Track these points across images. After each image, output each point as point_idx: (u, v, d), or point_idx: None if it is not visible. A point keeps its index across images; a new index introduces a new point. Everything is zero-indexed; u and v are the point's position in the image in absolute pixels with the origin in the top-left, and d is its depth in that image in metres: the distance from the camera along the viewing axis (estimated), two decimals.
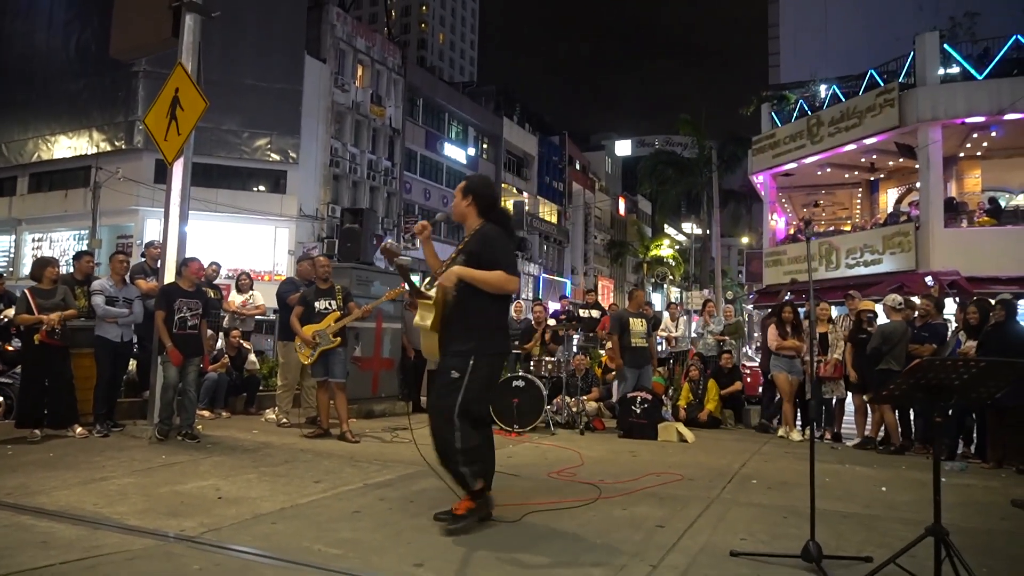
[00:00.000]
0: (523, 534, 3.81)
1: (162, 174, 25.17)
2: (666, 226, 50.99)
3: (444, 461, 3.93)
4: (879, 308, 8.29)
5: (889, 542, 3.78)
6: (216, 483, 4.75)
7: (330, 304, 7.07)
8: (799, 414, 8.73)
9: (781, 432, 8.38)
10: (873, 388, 7.59)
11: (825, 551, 3.32)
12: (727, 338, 10.22)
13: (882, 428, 7.78)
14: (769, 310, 10.98)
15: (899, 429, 7.60)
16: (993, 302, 7.05)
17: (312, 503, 4.32)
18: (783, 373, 8.35)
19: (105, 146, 28.25)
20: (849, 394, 8.33)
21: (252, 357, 8.92)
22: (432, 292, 4.02)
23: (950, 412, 6.81)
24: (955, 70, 16.81)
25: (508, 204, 45.48)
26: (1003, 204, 17.66)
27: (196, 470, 5.18)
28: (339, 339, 6.99)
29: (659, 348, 11.00)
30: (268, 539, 3.57)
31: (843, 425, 8.57)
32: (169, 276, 6.90)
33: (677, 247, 51.56)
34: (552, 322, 9.98)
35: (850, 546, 3.73)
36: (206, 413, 7.92)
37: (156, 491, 4.47)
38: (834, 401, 8.46)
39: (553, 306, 17.59)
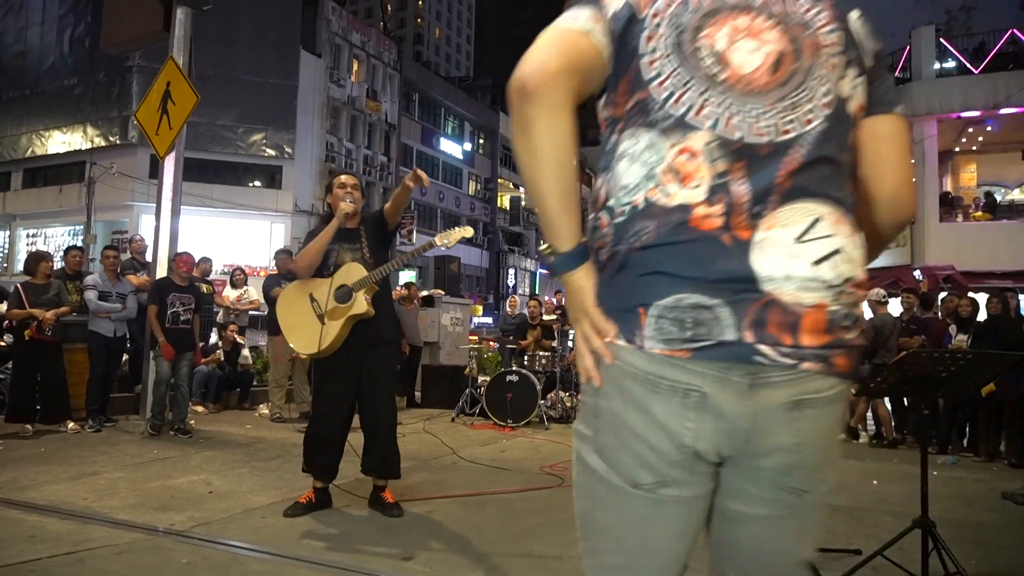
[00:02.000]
0: (514, 527, 3.81)
1: (157, 169, 25.15)
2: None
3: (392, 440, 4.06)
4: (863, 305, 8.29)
5: (878, 534, 3.79)
6: (207, 477, 4.74)
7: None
8: None
9: None
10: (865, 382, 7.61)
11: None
12: None
13: (866, 420, 7.84)
14: None
15: (892, 423, 7.62)
16: (988, 297, 7.07)
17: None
18: None
19: (100, 141, 28.14)
20: None
21: (246, 352, 8.91)
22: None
23: (940, 405, 6.84)
24: (951, 64, 16.85)
25: (505, 200, 45.51)
26: (998, 199, 17.70)
27: (187, 464, 5.17)
28: None
29: None
30: (258, 533, 3.57)
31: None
32: (161, 271, 6.89)
33: None
34: (548, 317, 9.98)
35: (839, 539, 3.73)
36: (199, 408, 7.91)
37: (147, 486, 4.46)
38: None
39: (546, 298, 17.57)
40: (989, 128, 17.07)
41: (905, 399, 7.42)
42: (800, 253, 0.99)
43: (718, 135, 1.02)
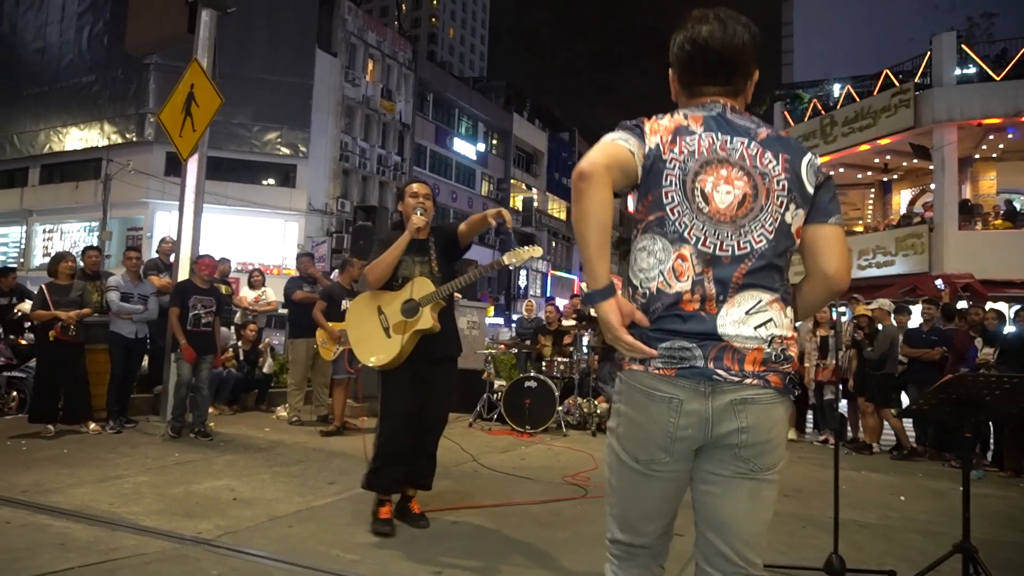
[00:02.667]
0: (543, 541, 3.78)
1: (173, 167, 25.26)
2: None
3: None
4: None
5: (909, 555, 3.75)
6: (230, 483, 4.74)
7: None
8: (815, 418, 8.74)
9: None
10: (877, 393, 7.60)
11: (847, 563, 3.28)
12: None
13: (880, 433, 7.80)
14: None
15: (906, 433, 7.60)
16: (1016, 309, 6.98)
17: (327, 505, 4.31)
18: None
19: (116, 138, 28.32)
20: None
21: (270, 360, 8.86)
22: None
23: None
24: (971, 71, 16.66)
25: (517, 200, 45.47)
26: (1018, 207, 17.51)
27: (209, 469, 5.17)
28: None
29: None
30: (285, 543, 3.56)
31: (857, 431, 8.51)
32: (183, 273, 6.90)
33: None
34: (567, 322, 9.93)
35: (870, 558, 3.69)
36: (213, 409, 7.91)
37: (170, 491, 4.46)
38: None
39: (561, 302, 17.53)
40: (1010, 135, 16.87)
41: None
42: (747, 321, 1.61)
43: (698, 249, 1.64)
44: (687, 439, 1.62)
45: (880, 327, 7.74)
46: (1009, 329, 7.10)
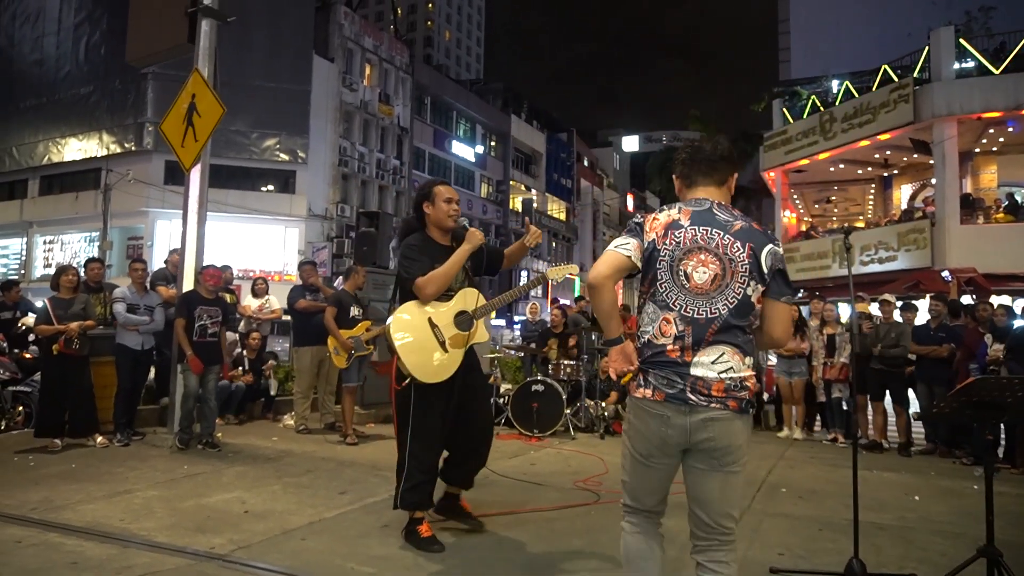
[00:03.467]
0: (558, 549, 3.75)
1: (172, 176, 25.24)
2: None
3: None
4: (874, 308, 8.25)
5: (930, 557, 3.72)
6: (241, 495, 4.71)
7: (360, 312, 7.20)
8: (824, 416, 8.72)
9: (783, 433, 8.50)
10: (872, 389, 7.65)
11: (867, 567, 3.25)
12: None
13: (886, 431, 7.81)
14: None
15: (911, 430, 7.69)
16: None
17: (340, 516, 4.28)
18: (781, 375, 8.49)
19: (115, 148, 28.32)
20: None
21: (273, 381, 8.81)
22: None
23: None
24: (970, 65, 16.63)
25: (517, 202, 45.44)
26: (1020, 200, 17.47)
27: (219, 481, 5.14)
28: (372, 347, 7.15)
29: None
30: (299, 556, 3.53)
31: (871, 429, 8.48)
32: (188, 283, 6.86)
33: None
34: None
35: (890, 561, 3.66)
36: (219, 420, 7.87)
37: (181, 505, 4.43)
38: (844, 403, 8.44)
39: (565, 302, 17.51)
40: (1010, 129, 16.85)
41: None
42: (712, 367, 2.21)
43: (681, 313, 2.25)
44: (673, 443, 2.24)
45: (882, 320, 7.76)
46: (1019, 323, 7.06)
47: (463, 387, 3.82)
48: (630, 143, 67.38)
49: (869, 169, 20.98)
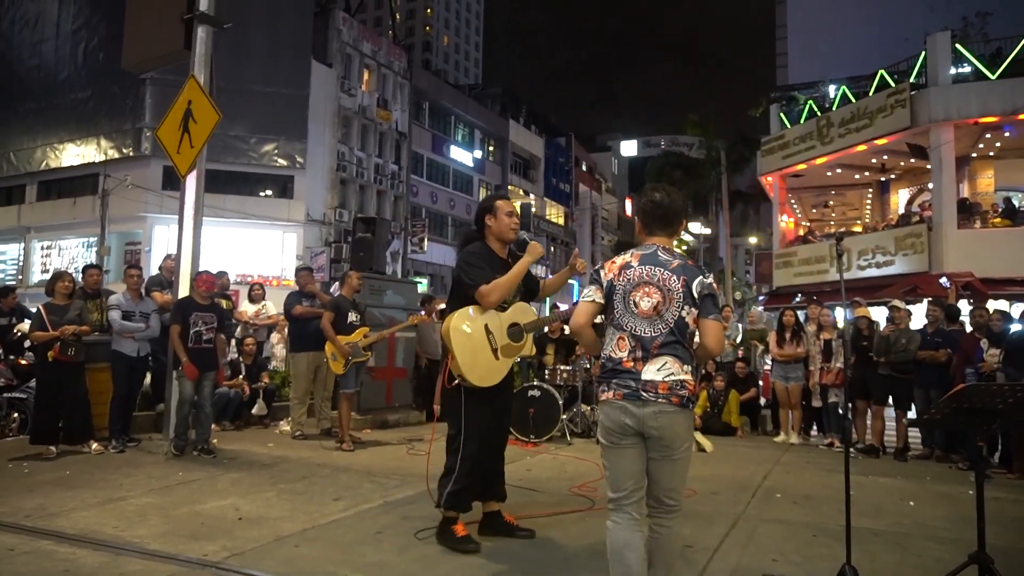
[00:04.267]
0: (553, 557, 3.75)
1: (171, 181, 25.19)
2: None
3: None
4: (881, 313, 8.26)
5: (924, 563, 3.72)
6: (235, 502, 4.70)
7: (358, 318, 7.21)
8: (820, 421, 8.73)
9: (779, 438, 8.50)
10: (877, 394, 7.65)
11: (860, 573, 3.24)
12: (756, 343, 10.12)
13: (883, 435, 7.81)
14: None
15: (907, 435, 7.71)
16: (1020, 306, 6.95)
17: (334, 523, 4.27)
18: (778, 380, 8.51)
19: (113, 153, 28.30)
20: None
21: (261, 403, 8.76)
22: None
23: None
24: (967, 70, 16.65)
25: (516, 205, 45.43)
26: (1017, 204, 17.49)
27: (214, 488, 5.13)
28: (369, 353, 7.21)
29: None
30: (292, 564, 3.52)
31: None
32: (183, 289, 6.86)
33: (684, 247, 51.37)
34: (567, 329, 9.90)
35: (884, 568, 3.66)
36: (214, 426, 7.86)
37: (175, 512, 4.42)
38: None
39: (561, 306, 17.51)
40: (1007, 133, 16.86)
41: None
42: (657, 373, 2.74)
43: (632, 333, 2.80)
44: (631, 428, 2.76)
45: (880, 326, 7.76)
46: (1016, 328, 7.06)
47: (500, 399, 3.99)
48: (628, 148, 67.45)
49: (866, 174, 21.00)
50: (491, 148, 43.99)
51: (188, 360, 6.31)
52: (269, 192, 29.41)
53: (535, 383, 8.20)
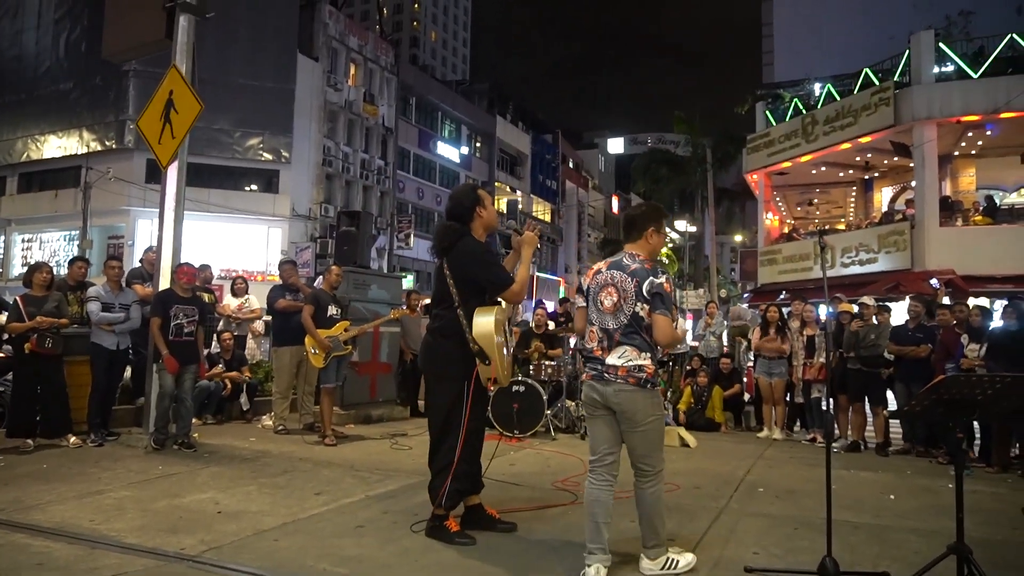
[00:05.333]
0: (534, 550, 3.73)
1: (154, 174, 24.95)
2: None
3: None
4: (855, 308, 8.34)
5: (904, 555, 3.73)
6: (215, 496, 4.65)
7: (338, 311, 7.15)
8: (803, 417, 8.78)
9: (762, 433, 8.55)
10: (851, 389, 7.76)
11: (840, 565, 3.25)
12: (740, 339, 10.17)
13: (864, 430, 7.90)
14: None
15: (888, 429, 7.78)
16: (1004, 305, 7.03)
17: (314, 517, 4.24)
18: (761, 376, 8.58)
19: (95, 146, 27.98)
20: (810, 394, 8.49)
21: (244, 397, 8.68)
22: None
23: None
24: (950, 68, 16.79)
25: (502, 203, 45.39)
26: (998, 202, 17.67)
27: (194, 482, 5.08)
28: (351, 347, 7.15)
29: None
30: (271, 557, 3.49)
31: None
32: (164, 282, 6.78)
33: (670, 245, 51.47)
34: (552, 325, 9.89)
35: (864, 560, 3.67)
36: (195, 420, 7.77)
37: (153, 505, 4.37)
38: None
39: (550, 304, 17.51)
40: (989, 132, 17.02)
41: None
42: (618, 360, 3.37)
43: (599, 326, 3.46)
44: (600, 403, 3.38)
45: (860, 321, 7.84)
46: (996, 324, 7.13)
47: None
48: (615, 145, 67.47)
49: (850, 172, 21.14)
50: (478, 144, 43.90)
51: (168, 353, 6.24)
52: (254, 187, 29.20)
53: (519, 378, 8.19)
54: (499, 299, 3.94)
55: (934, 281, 14.52)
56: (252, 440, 6.98)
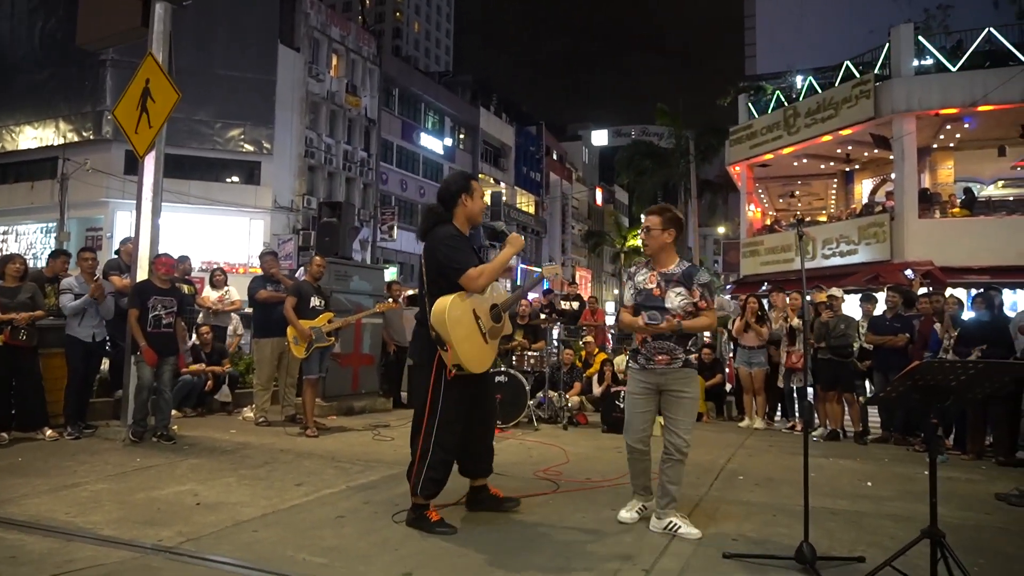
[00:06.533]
0: (514, 538, 3.74)
1: (133, 165, 24.60)
2: (643, 216, 51.02)
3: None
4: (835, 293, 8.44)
5: (879, 540, 3.78)
6: (194, 488, 4.61)
7: (321, 303, 7.11)
8: (784, 405, 8.87)
9: (743, 423, 8.63)
10: (823, 378, 7.85)
11: (817, 551, 3.29)
12: (721, 329, 10.25)
13: (843, 419, 7.99)
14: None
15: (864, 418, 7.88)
16: (974, 295, 7.13)
17: (294, 508, 4.21)
18: (742, 366, 8.67)
19: (72, 137, 27.57)
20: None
21: (225, 389, 8.60)
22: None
23: None
24: (929, 62, 16.94)
25: (486, 195, 45.29)
26: (976, 195, 17.87)
27: (173, 474, 5.03)
28: (333, 339, 7.13)
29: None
30: (250, 548, 3.46)
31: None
32: (142, 273, 6.70)
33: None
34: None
35: (841, 545, 3.71)
36: (176, 413, 7.72)
37: (131, 498, 4.33)
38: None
39: (532, 295, 17.51)
40: (966, 125, 17.20)
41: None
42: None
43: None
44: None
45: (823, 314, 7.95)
46: (970, 315, 7.23)
47: (480, 380, 3.95)
48: (599, 137, 67.50)
49: (831, 164, 21.30)
50: (462, 136, 43.75)
51: (147, 345, 6.17)
52: (235, 178, 28.93)
53: (502, 368, 8.20)
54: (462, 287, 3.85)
55: (909, 272, 14.69)
56: (233, 432, 6.93)
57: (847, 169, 21.64)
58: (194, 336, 8.59)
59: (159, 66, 6.74)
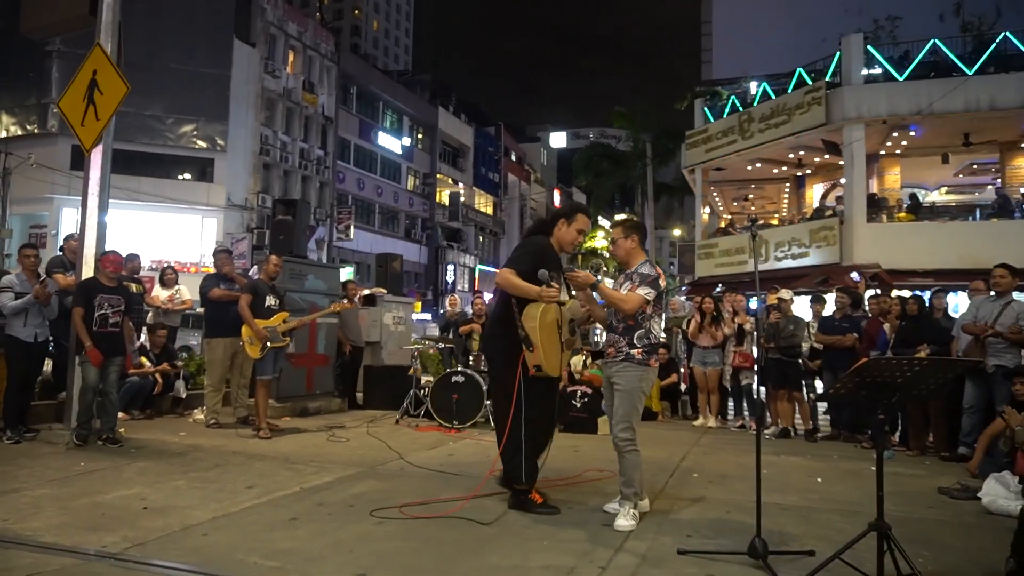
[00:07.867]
0: (470, 537, 3.72)
1: (79, 161, 23.89)
2: (600, 218, 51.47)
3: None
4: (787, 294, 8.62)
5: (828, 534, 3.86)
6: (141, 491, 4.48)
7: (276, 302, 6.99)
8: (734, 404, 9.01)
9: (698, 422, 8.77)
10: (772, 377, 8.03)
11: (769, 545, 3.34)
12: (677, 330, 10.37)
13: (794, 418, 8.19)
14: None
15: (813, 416, 8.09)
16: (907, 298, 7.39)
17: (245, 511, 4.12)
18: (697, 366, 8.80)
19: (16, 130, 26.64)
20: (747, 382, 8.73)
21: (180, 383, 8.39)
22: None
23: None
24: (878, 71, 17.43)
25: (444, 195, 45.13)
26: (921, 200, 18.45)
27: (119, 478, 4.88)
28: (288, 339, 7.01)
29: (597, 340, 11.04)
30: (198, 552, 3.37)
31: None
32: (87, 271, 6.49)
33: (611, 239, 52.06)
34: None
35: (792, 539, 3.79)
36: (123, 415, 7.50)
37: (74, 503, 4.18)
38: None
39: (488, 296, 17.49)
40: (912, 133, 17.74)
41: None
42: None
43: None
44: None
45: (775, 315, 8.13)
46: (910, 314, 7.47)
47: (552, 382, 4.37)
48: (557, 139, 67.84)
49: (784, 169, 21.75)
50: (420, 136, 43.54)
51: (92, 345, 5.97)
52: (187, 175, 28.31)
53: (459, 369, 8.16)
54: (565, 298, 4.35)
55: (855, 275, 15.10)
56: (182, 435, 6.76)
57: (799, 174, 22.13)
58: (143, 336, 8.35)
59: (107, 57, 6.54)
